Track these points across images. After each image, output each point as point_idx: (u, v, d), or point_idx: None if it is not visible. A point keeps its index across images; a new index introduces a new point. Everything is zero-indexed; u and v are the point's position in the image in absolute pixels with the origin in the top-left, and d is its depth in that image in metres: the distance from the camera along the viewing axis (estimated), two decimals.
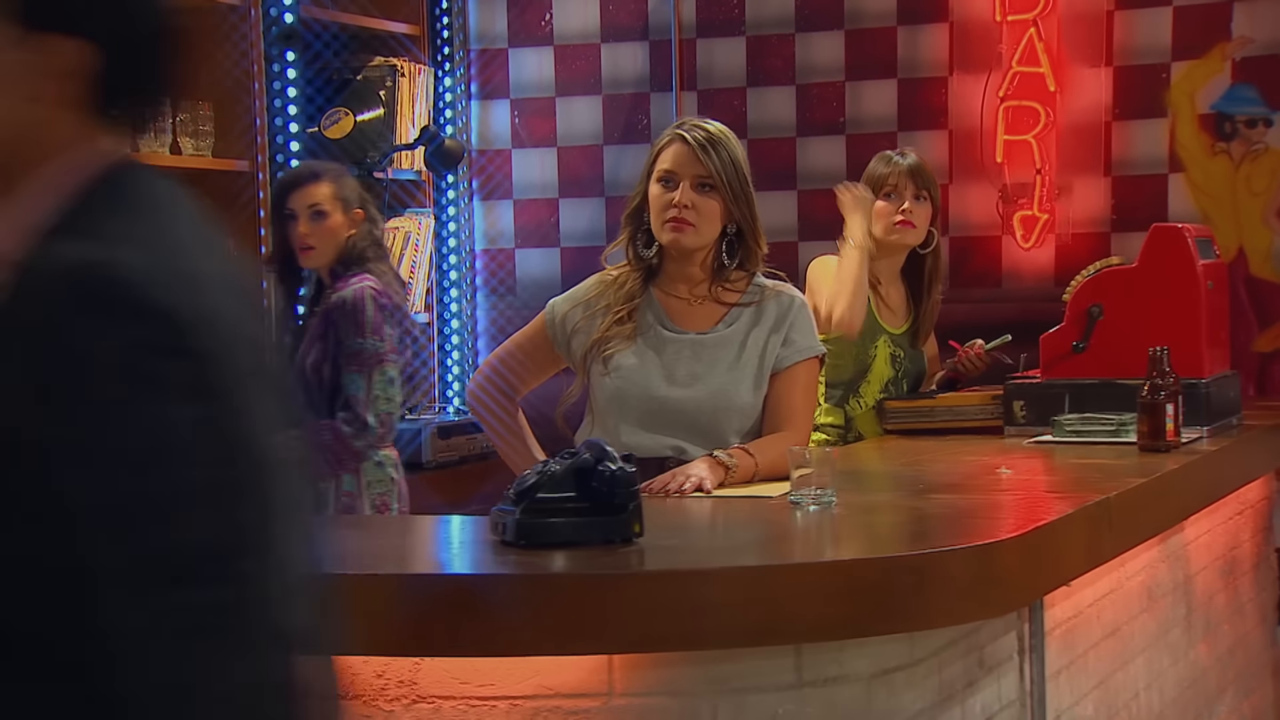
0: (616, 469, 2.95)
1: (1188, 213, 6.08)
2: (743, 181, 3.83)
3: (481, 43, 6.85)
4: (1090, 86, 6.18)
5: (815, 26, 6.48)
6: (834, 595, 2.74)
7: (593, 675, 2.83)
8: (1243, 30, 6.03)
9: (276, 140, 6.03)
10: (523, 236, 6.86)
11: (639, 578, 2.77)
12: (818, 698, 2.86)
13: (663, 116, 6.62)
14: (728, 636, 2.74)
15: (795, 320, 3.87)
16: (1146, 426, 4.13)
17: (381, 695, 2.90)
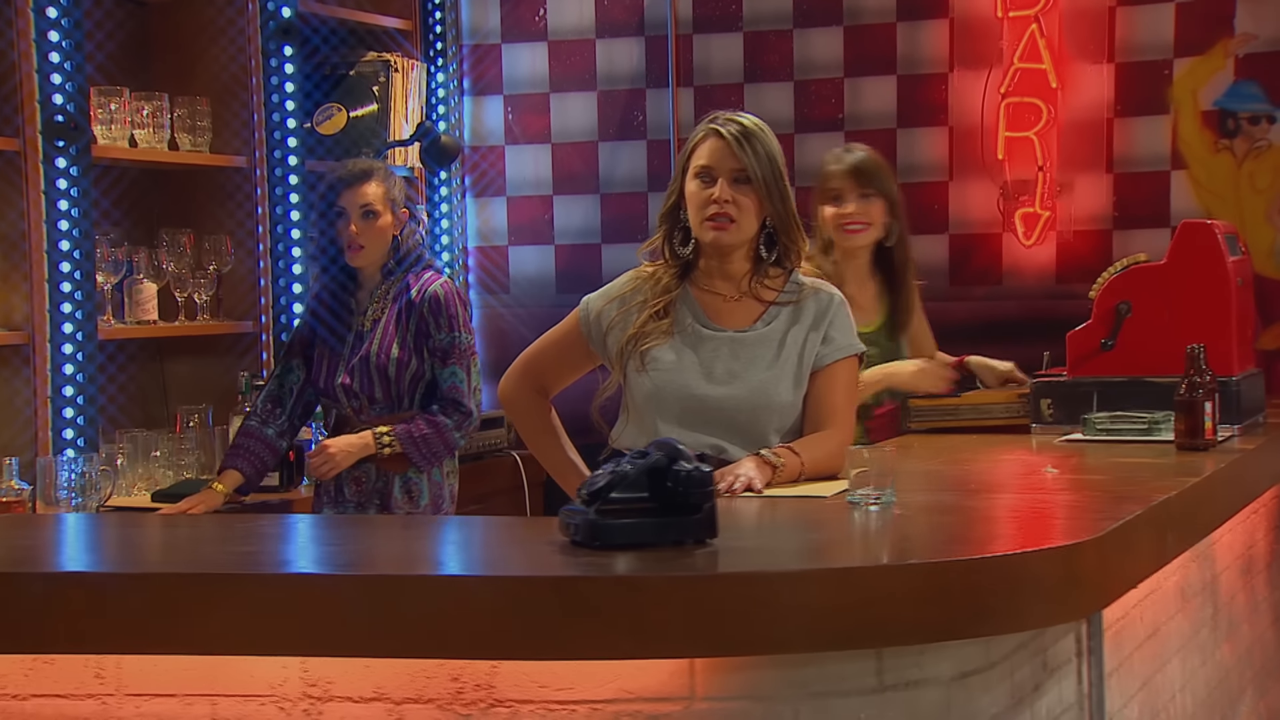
0: (692, 469, 2.90)
1: (1190, 210, 6.07)
2: (778, 176, 3.78)
3: (474, 38, 6.78)
4: (1092, 83, 6.16)
5: (814, 22, 6.44)
6: (922, 597, 2.69)
7: (674, 679, 2.78)
8: (1246, 26, 6.02)
9: (274, 136, 5.94)
10: (516, 234, 6.79)
11: (722, 580, 2.71)
12: (898, 702, 2.82)
13: (659, 113, 6.58)
14: (815, 639, 2.69)
15: (835, 318, 3.82)
16: (1184, 425, 4.11)
17: (458, 699, 2.84)
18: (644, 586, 2.68)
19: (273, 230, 5.95)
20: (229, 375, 5.90)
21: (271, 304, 5.96)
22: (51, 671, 2.94)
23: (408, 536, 3.27)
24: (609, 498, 2.92)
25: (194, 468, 5.60)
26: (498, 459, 6.44)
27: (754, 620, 2.66)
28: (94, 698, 2.94)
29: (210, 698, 2.91)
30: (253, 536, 3.23)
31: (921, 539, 3.02)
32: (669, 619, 2.66)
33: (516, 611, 2.71)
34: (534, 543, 3.05)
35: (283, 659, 2.88)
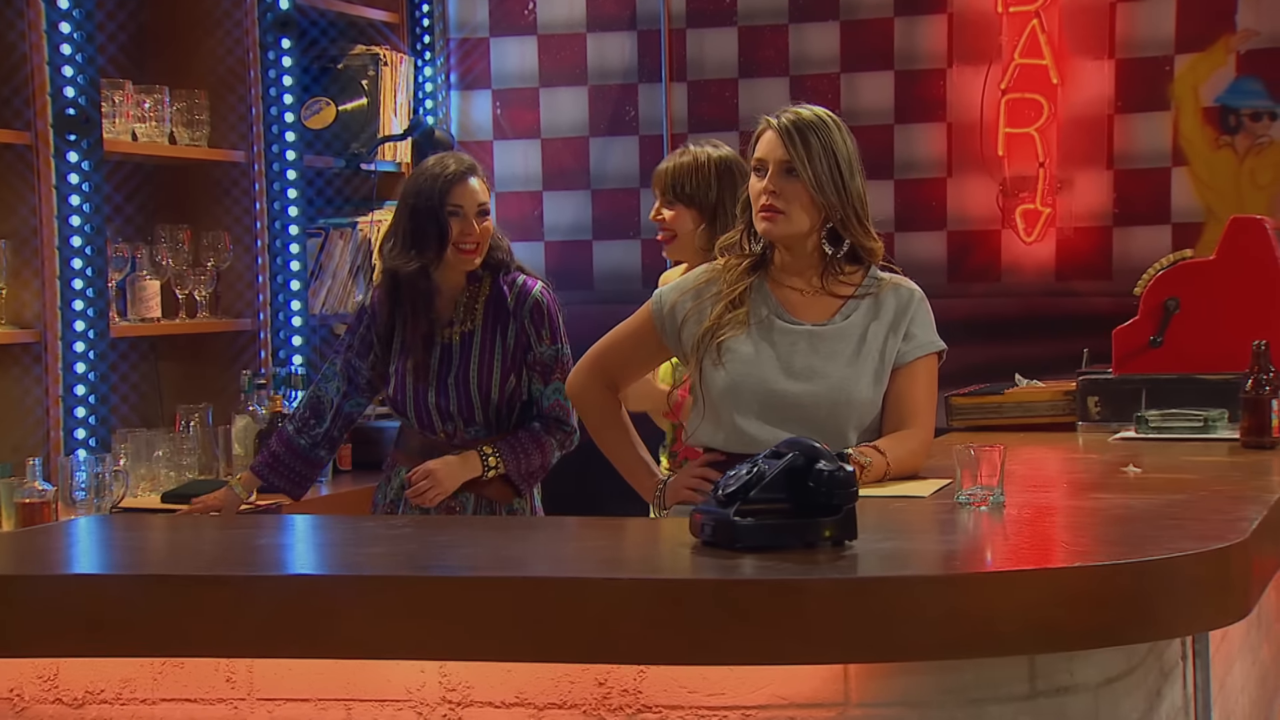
0: (835, 469, 2.84)
1: (1191, 207, 6.10)
2: (834, 169, 3.69)
3: (462, 31, 6.69)
4: (1093, 79, 6.17)
5: (809, 17, 6.41)
6: (1088, 601, 2.64)
7: (828, 684, 2.73)
8: (1248, 23, 6.05)
9: (272, 130, 5.84)
10: (505, 230, 6.60)
11: (886, 583, 2.66)
12: (1050, 708, 2.78)
13: (651, 108, 6.52)
14: (980, 645, 2.64)
15: (915, 314, 3.78)
16: (1251, 423, 4.09)
17: (603, 704, 2.78)
18: (808, 590, 2.62)
19: (270, 226, 5.85)
20: (227, 374, 5.80)
21: (269, 301, 5.85)
22: (181, 675, 2.86)
23: (539, 539, 3.19)
24: (750, 498, 2.87)
25: (195, 468, 5.49)
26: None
27: (915, 625, 2.60)
28: (225, 702, 2.86)
29: (345, 702, 2.83)
30: (387, 538, 3.15)
31: (1063, 541, 2.97)
32: (830, 623, 2.61)
33: (672, 615, 2.64)
34: (665, 544, 2.99)
35: (421, 663, 2.81)
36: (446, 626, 2.70)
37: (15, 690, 2.90)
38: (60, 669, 2.89)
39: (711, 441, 3.79)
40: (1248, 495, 3.36)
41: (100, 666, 2.88)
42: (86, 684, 2.88)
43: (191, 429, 5.54)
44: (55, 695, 2.89)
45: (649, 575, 2.75)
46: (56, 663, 2.89)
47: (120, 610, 2.76)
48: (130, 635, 2.76)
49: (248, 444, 5.49)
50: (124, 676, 2.88)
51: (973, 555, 2.95)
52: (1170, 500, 3.33)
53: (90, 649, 2.81)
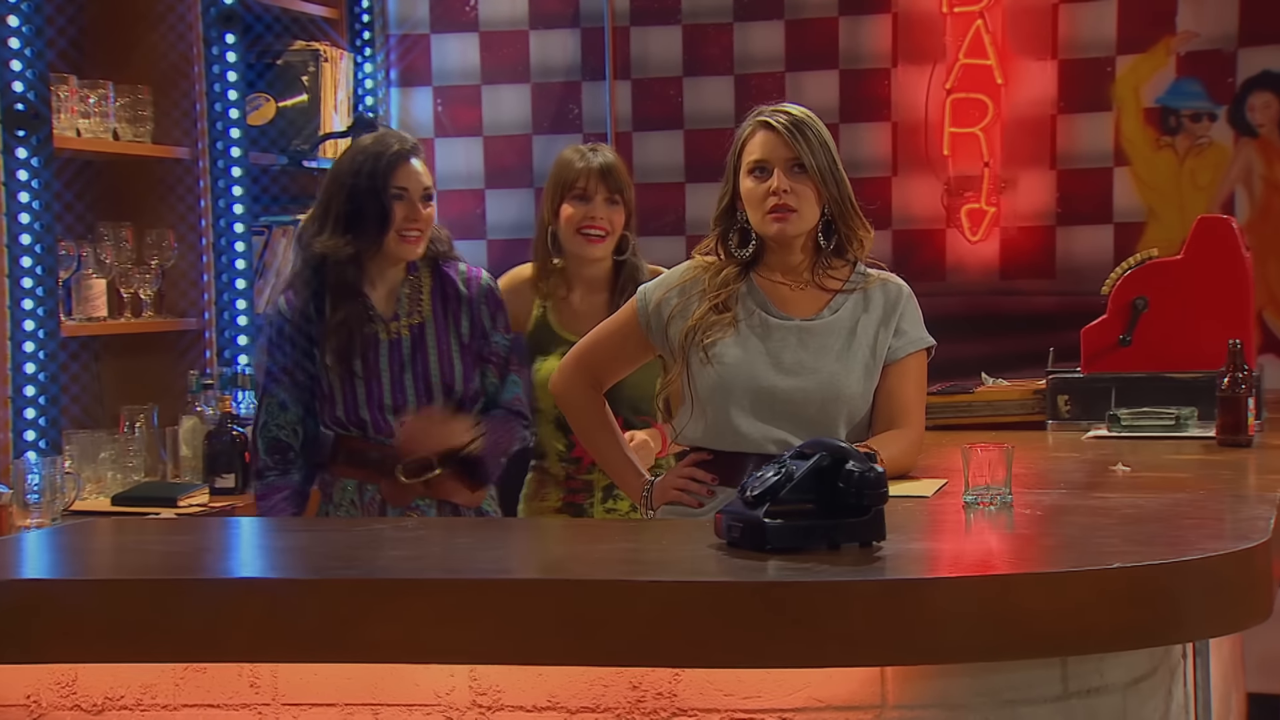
0: (865, 470, 2.84)
1: (1133, 207, 6.16)
2: (834, 163, 3.73)
3: (402, 28, 6.64)
4: (1036, 79, 6.21)
5: (754, 16, 6.42)
6: (1125, 602, 2.65)
7: (865, 687, 2.72)
8: (1187, 24, 6.11)
9: (216, 126, 5.75)
10: (447, 228, 6.61)
11: (924, 585, 2.65)
12: (1081, 709, 2.79)
13: (595, 106, 6.50)
14: (1021, 646, 2.64)
15: (905, 310, 3.79)
16: (1226, 420, 4.13)
17: (638, 708, 2.76)
18: (854, 592, 2.61)
19: (215, 224, 5.76)
20: (171, 374, 5.70)
21: (215, 300, 5.77)
22: (204, 681, 2.81)
23: (559, 539, 3.16)
24: (779, 499, 2.86)
25: (141, 469, 5.40)
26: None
27: (958, 626, 2.60)
28: (248, 708, 2.81)
29: (372, 707, 2.80)
30: (414, 541, 3.11)
31: (1091, 541, 2.97)
32: (874, 625, 2.60)
33: (715, 617, 2.62)
34: (690, 545, 2.96)
35: (450, 666, 2.78)
36: (478, 630, 2.67)
37: (32, 697, 2.85)
38: (79, 675, 2.83)
39: (700, 439, 3.77)
40: (1249, 494, 3.40)
41: (120, 672, 2.83)
42: (106, 690, 2.83)
43: (137, 430, 5.45)
44: (74, 701, 2.84)
45: (693, 578, 2.72)
46: (75, 668, 2.83)
47: (142, 615, 2.71)
48: (153, 640, 2.71)
49: (196, 445, 5.41)
50: (144, 682, 2.83)
51: (1007, 556, 2.95)
52: (1175, 499, 3.35)
53: (110, 654, 2.75)
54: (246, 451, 5.30)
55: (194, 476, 5.34)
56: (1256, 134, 6.09)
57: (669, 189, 6.43)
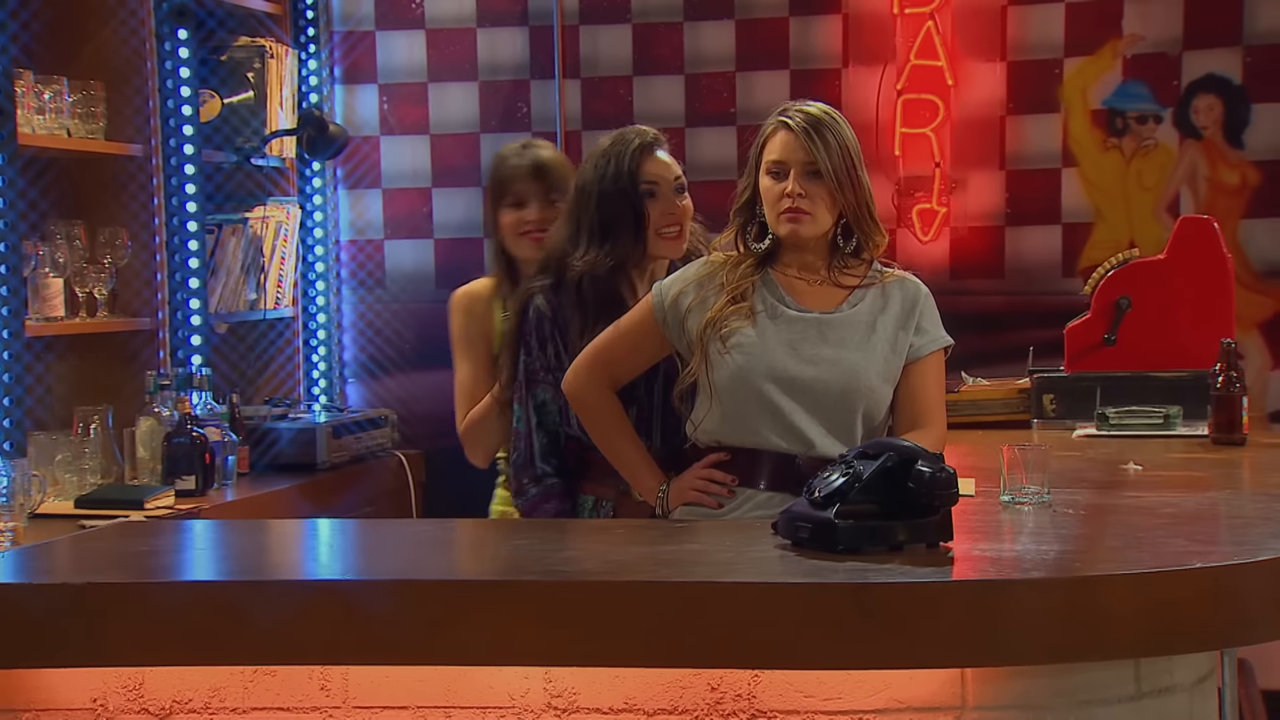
0: (936, 471, 2.85)
1: (1081, 207, 6.23)
2: (851, 166, 3.73)
3: (346, 24, 6.56)
4: (985, 81, 6.26)
5: (704, 15, 6.41)
6: (1206, 601, 2.68)
7: (945, 688, 2.73)
8: (1133, 28, 6.18)
9: (169, 123, 5.66)
10: (392, 227, 6.60)
11: (1005, 586, 2.66)
12: (1153, 709, 2.82)
13: (544, 105, 6.47)
14: (1109, 647, 2.66)
15: (924, 309, 3.81)
16: (1222, 419, 4.18)
17: (716, 710, 2.75)
18: (944, 593, 2.62)
19: (169, 222, 5.68)
20: (124, 374, 5.61)
21: (168, 299, 5.68)
22: (273, 684, 2.77)
23: (620, 540, 3.13)
24: (849, 499, 2.86)
25: (98, 471, 5.30)
26: (382, 460, 6.25)
27: (1044, 627, 2.63)
28: (319, 710, 2.78)
29: (445, 710, 2.77)
30: (487, 542, 3.07)
31: (1154, 542, 2.98)
32: (961, 625, 2.61)
33: (804, 618, 2.63)
34: (754, 546, 2.95)
35: (525, 669, 2.76)
36: (558, 631, 2.65)
37: (99, 700, 2.80)
38: (145, 678, 2.79)
39: (718, 432, 3.76)
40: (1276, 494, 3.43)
41: (187, 675, 2.78)
42: (173, 693, 2.79)
43: (93, 432, 5.35)
44: (141, 705, 2.79)
45: (779, 579, 2.71)
46: (142, 671, 2.79)
47: (218, 617, 2.67)
48: (228, 642, 2.67)
49: (153, 447, 5.31)
50: (213, 685, 2.78)
51: (1082, 557, 2.95)
52: (1210, 499, 3.39)
53: (183, 657, 2.71)
54: (207, 453, 5.24)
55: (152, 479, 5.25)
56: (1201, 136, 6.18)
57: None
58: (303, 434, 5.84)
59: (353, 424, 6.05)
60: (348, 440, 6.01)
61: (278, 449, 5.78)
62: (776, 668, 2.70)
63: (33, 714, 2.80)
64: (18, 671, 2.79)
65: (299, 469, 5.80)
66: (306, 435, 5.86)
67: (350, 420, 6.06)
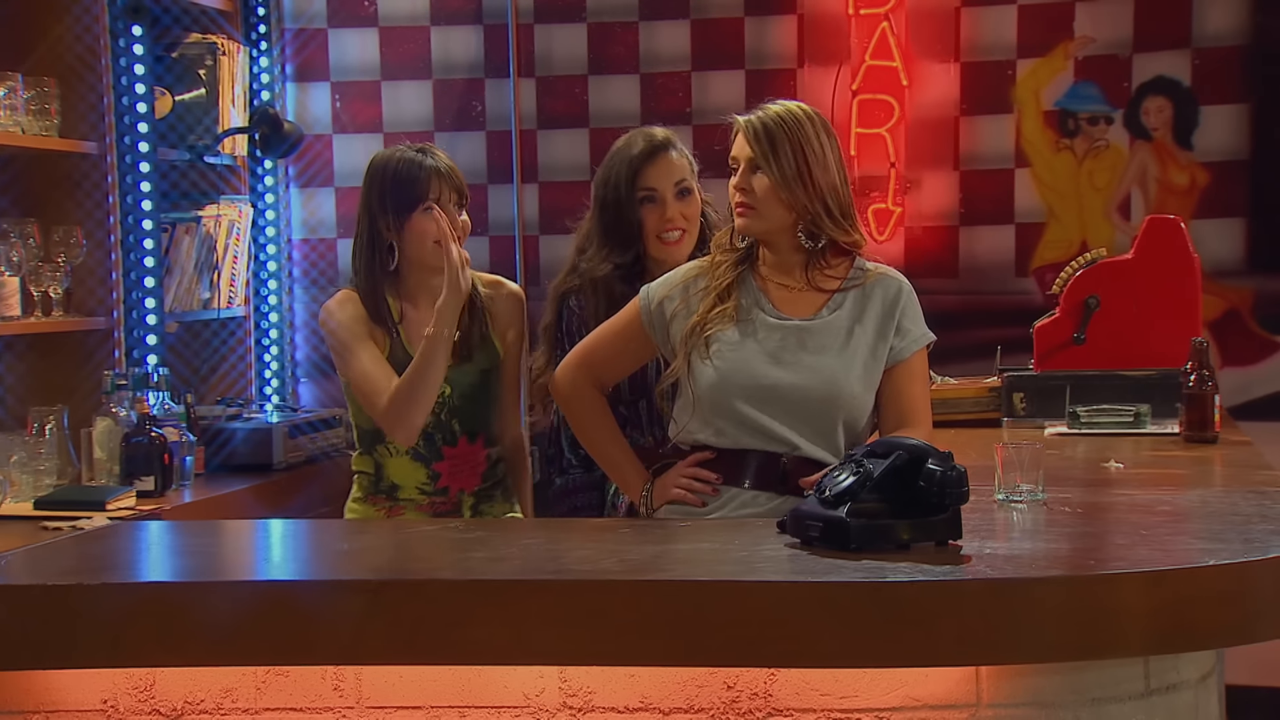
0: (946, 469, 2.86)
1: (1034, 207, 6.27)
2: (801, 163, 3.71)
3: (298, 22, 6.52)
4: (939, 82, 6.29)
5: (659, 15, 6.41)
6: (1222, 598, 2.70)
7: (960, 685, 2.74)
8: (1085, 29, 6.23)
9: (124, 121, 5.61)
10: (346, 226, 6.54)
11: (1025, 584, 2.67)
12: (1162, 705, 2.85)
13: (499, 104, 6.45)
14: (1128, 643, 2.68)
15: (905, 308, 3.82)
16: (1194, 417, 4.22)
17: (732, 708, 2.75)
18: (963, 591, 2.63)
19: (124, 221, 5.62)
20: (80, 374, 5.55)
21: (123, 298, 5.63)
22: (285, 684, 2.75)
23: (632, 540, 3.11)
24: (860, 499, 2.86)
25: (54, 472, 5.24)
26: (335, 460, 6.21)
27: (1062, 625, 2.64)
28: (332, 710, 2.76)
29: (459, 709, 2.76)
30: (500, 542, 3.05)
31: (1161, 540, 2.99)
32: (981, 623, 2.62)
33: (824, 616, 2.63)
34: (765, 544, 2.95)
35: (540, 668, 2.75)
36: (574, 630, 2.64)
37: (109, 702, 2.77)
38: (157, 679, 2.76)
39: (701, 436, 3.77)
40: (1270, 490, 3.46)
41: (199, 676, 2.76)
42: (185, 694, 2.76)
43: (48, 432, 5.29)
44: (152, 706, 2.76)
45: (798, 578, 2.70)
46: (153, 672, 2.76)
47: (235, 617, 2.65)
48: (246, 643, 2.65)
49: (111, 447, 5.26)
50: (225, 686, 2.76)
51: (1093, 555, 2.96)
52: (1202, 496, 3.42)
53: (202, 658, 2.68)
54: (166, 454, 5.19)
55: (109, 479, 5.20)
56: (1151, 137, 6.23)
57: (574, 187, 6.39)
58: (259, 434, 5.81)
59: (307, 424, 6.01)
60: (303, 440, 5.97)
61: (232, 449, 5.73)
62: (795, 666, 2.70)
63: (43, 715, 2.77)
64: (27, 673, 2.76)
65: (254, 469, 5.76)
66: (262, 435, 5.82)
67: (305, 420, 6.02)
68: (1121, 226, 6.22)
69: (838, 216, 3.80)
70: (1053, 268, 6.17)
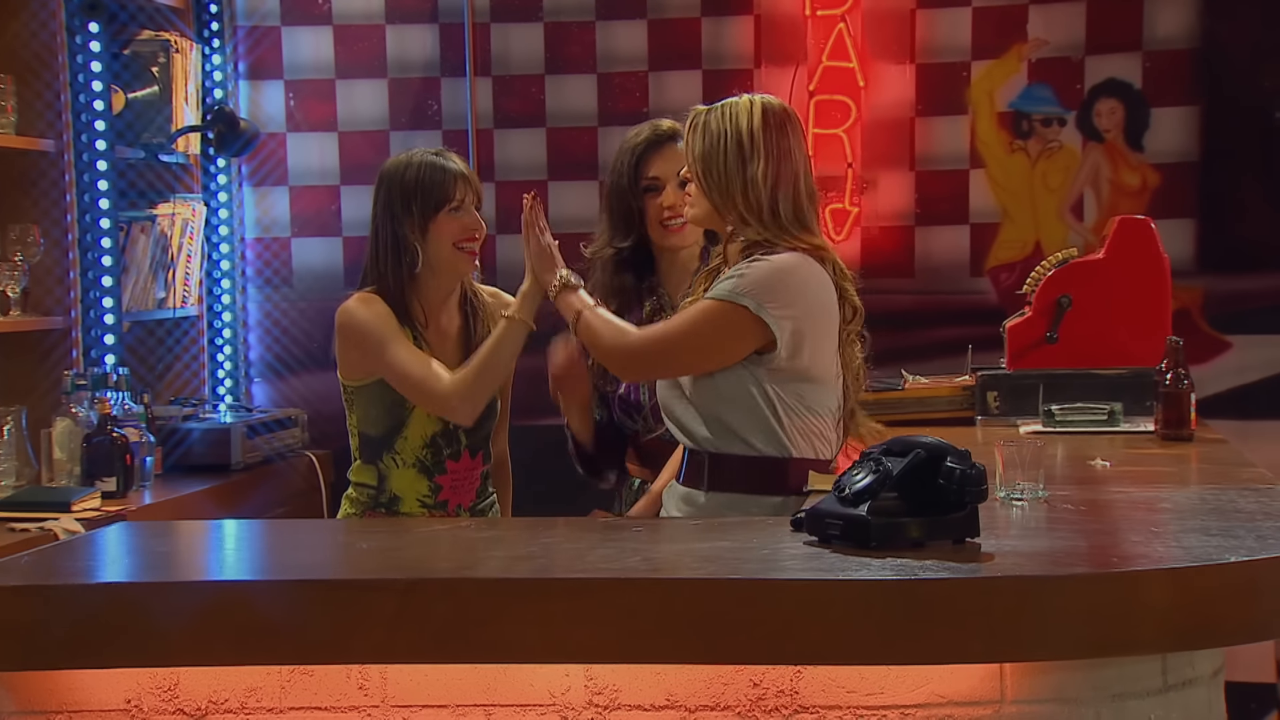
0: (967, 467, 2.87)
1: (988, 208, 6.31)
2: (709, 163, 3.76)
3: (251, 19, 6.47)
4: (895, 83, 6.32)
5: (616, 15, 6.41)
6: (1246, 594, 2.73)
7: (985, 682, 2.77)
8: (1038, 32, 6.28)
9: (81, 119, 5.55)
10: (300, 225, 6.51)
11: (1055, 581, 2.69)
12: (1178, 701, 2.88)
13: (455, 102, 6.43)
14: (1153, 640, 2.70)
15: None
16: (1170, 415, 4.26)
17: (758, 706, 2.76)
18: (995, 588, 2.65)
19: (81, 219, 5.57)
20: (37, 374, 5.50)
21: (81, 297, 5.57)
22: (310, 683, 2.74)
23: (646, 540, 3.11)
24: (881, 497, 2.88)
25: (13, 473, 5.19)
26: (291, 461, 6.17)
27: (1090, 621, 2.66)
28: (357, 710, 2.75)
29: (485, 708, 2.76)
30: (535, 539, 3.04)
31: (1176, 537, 3.01)
32: (1009, 620, 2.64)
33: (848, 614, 2.64)
34: (783, 542, 2.96)
35: (565, 666, 2.75)
36: (600, 629, 2.64)
37: (133, 701, 2.74)
38: (180, 678, 2.74)
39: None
40: (1261, 487, 3.50)
41: (222, 675, 2.74)
42: (209, 694, 2.74)
43: (6, 433, 5.24)
44: (176, 706, 2.74)
45: (829, 576, 2.70)
46: (176, 672, 2.74)
47: (263, 617, 2.63)
48: (274, 642, 2.63)
49: (72, 448, 5.21)
50: (249, 685, 2.74)
51: (1115, 552, 2.97)
52: (1199, 494, 3.45)
53: (228, 657, 2.67)
54: (128, 454, 5.15)
55: (69, 480, 5.16)
56: (1103, 139, 6.29)
57: (531, 187, 6.33)
58: (216, 434, 5.78)
59: (263, 424, 5.98)
60: (259, 441, 5.94)
61: (188, 450, 5.70)
62: (823, 663, 2.71)
63: (66, 715, 2.74)
64: (51, 673, 2.73)
65: (212, 470, 5.73)
66: (220, 435, 5.79)
67: (262, 420, 5.99)
68: (1075, 227, 6.28)
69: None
70: (1007, 268, 6.24)
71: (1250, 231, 6.24)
